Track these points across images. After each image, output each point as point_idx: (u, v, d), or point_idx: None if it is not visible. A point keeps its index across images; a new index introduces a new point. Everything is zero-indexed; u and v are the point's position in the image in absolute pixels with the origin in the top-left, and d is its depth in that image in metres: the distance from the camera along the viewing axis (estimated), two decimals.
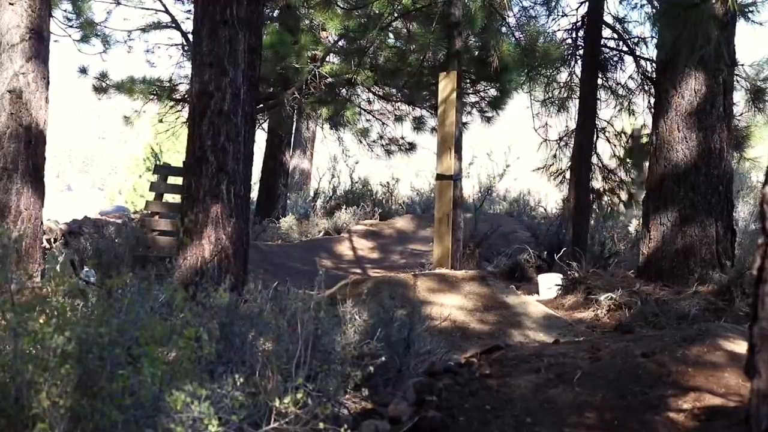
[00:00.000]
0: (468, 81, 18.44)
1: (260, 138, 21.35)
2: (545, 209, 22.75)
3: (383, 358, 5.56)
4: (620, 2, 14.77)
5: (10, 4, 9.66)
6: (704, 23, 9.00)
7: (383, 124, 21.70)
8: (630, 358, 5.92)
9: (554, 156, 16.54)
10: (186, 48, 19.37)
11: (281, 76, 17.57)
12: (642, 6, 14.36)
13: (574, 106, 15.52)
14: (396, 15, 16.75)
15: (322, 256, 16.02)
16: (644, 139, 15.20)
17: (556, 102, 15.95)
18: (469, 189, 22.04)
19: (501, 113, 19.79)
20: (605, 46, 14.73)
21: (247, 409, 4.22)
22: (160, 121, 20.12)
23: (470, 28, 15.63)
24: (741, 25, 11.48)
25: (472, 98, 19.89)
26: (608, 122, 15.89)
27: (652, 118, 12.38)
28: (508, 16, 15.65)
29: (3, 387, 3.73)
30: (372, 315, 6.47)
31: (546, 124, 16.16)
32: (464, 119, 18.40)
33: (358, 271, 14.83)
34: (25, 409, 3.71)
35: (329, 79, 17.70)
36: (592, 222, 15.75)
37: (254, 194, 21.37)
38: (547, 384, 5.62)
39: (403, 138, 21.93)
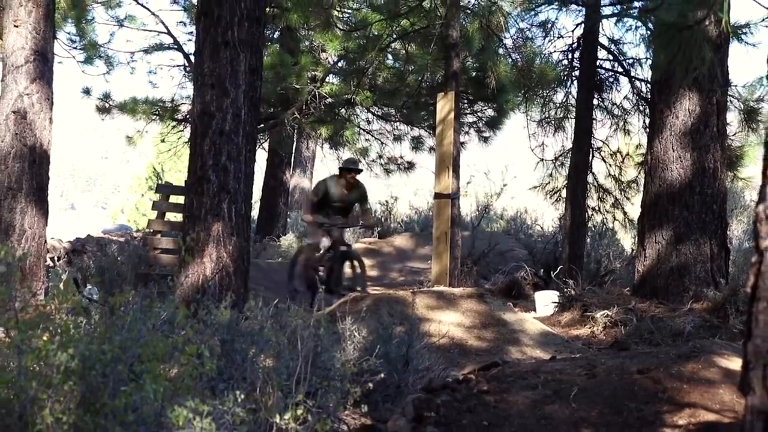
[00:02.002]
0: (465, 101, 18.50)
1: (261, 157, 21.41)
2: (542, 227, 22.78)
3: (382, 375, 5.56)
4: (615, 24, 14.78)
5: (14, 26, 9.70)
6: (698, 45, 9.03)
7: (382, 143, 21.73)
8: (626, 375, 5.92)
9: (550, 175, 16.56)
10: (188, 69, 19.40)
11: (282, 97, 17.63)
12: (637, 28, 14.38)
13: (570, 126, 15.55)
14: (394, 36, 16.80)
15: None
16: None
17: (553, 122, 15.99)
18: (467, 207, 22.04)
19: (498, 133, 19.88)
20: (601, 67, 14.78)
21: (248, 425, 4.22)
22: (162, 141, 20.18)
23: (468, 50, 15.67)
24: (734, 47, 11.55)
25: (470, 118, 19.96)
26: (604, 142, 15.93)
27: (647, 137, 12.41)
28: (505, 38, 15.71)
29: (7, 403, 3.73)
30: (371, 332, 6.47)
31: (542, 143, 16.19)
32: (462, 139, 18.43)
33: (357, 288, 14.83)
34: (29, 425, 3.71)
35: (329, 100, 17.76)
36: (588, 240, 15.78)
37: (255, 213, 21.41)
38: (544, 400, 5.62)
39: (401, 157, 21.97)
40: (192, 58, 14.98)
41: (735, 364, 5.83)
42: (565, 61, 15.17)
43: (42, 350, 3.83)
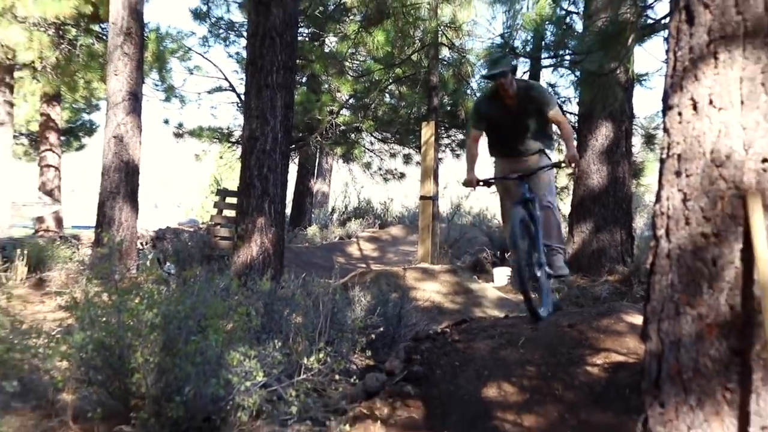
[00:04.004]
0: (443, 128, 18.51)
1: (292, 169, 21.39)
2: (499, 221, 22.72)
3: (381, 329, 5.58)
4: (552, 72, 14.83)
5: (115, 74, 9.77)
6: (612, 88, 9.04)
7: (381, 159, 21.81)
8: (559, 328, 5.92)
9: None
10: (239, 105, 19.41)
11: (308, 125, 17.61)
12: (568, 75, 14.38)
13: None
14: (391, 81, 16.81)
15: (337, 255, 15.99)
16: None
17: None
18: (444, 206, 21.99)
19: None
20: None
21: (283, 365, 4.25)
22: (221, 157, 20.31)
23: (444, 91, 15.69)
24: (638, 89, 11.59)
25: (446, 141, 20.02)
26: None
27: None
28: (472, 82, 15.68)
29: (110, 348, 3.75)
30: (373, 297, 6.49)
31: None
32: (440, 156, 18.45)
33: (364, 265, 14.80)
34: (126, 363, 3.74)
35: (342, 127, 17.75)
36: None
37: (288, 210, 21.40)
38: (499, 347, 5.61)
39: (396, 169, 22.04)
40: (242, 96, 14.96)
41: (638, 320, 5.84)
42: None
43: (134, 310, 3.85)
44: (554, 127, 6.63)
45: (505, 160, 6.47)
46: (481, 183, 6.31)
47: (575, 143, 5.51)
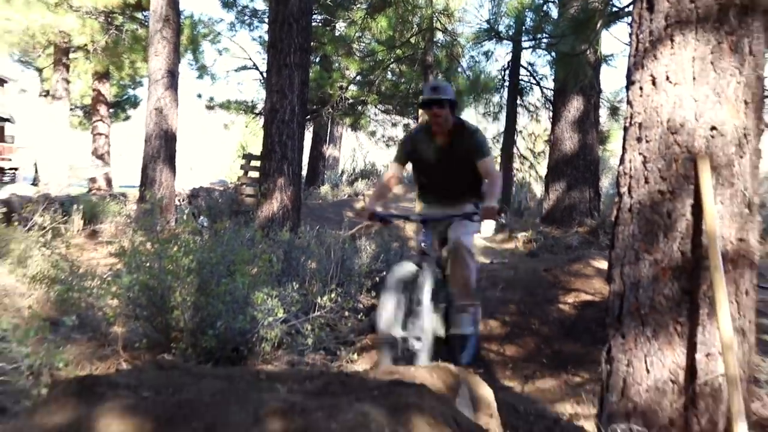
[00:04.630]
0: None
1: (308, 137, 21.32)
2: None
3: (384, 273, 5.60)
4: (531, 53, 14.76)
5: (155, 55, 9.71)
6: (582, 66, 8.94)
7: (384, 127, 21.74)
8: (536, 272, 5.94)
9: (491, 148, 16.48)
10: (262, 81, 19.28)
11: (321, 98, 17.50)
12: (545, 55, 14.25)
13: (502, 117, 15.40)
14: (392, 60, 16.66)
15: (346, 210, 15.97)
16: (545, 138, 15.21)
17: (492, 114, 15.85)
18: None
19: None
20: (522, 80, 14.62)
21: (300, 303, 4.28)
22: (246, 126, 20.14)
23: (438, 69, 15.56)
24: (605, 68, 11.49)
25: None
26: (524, 127, 15.87)
27: (551, 124, 12.33)
28: (462, 61, 15.55)
29: (153, 289, 3.76)
30: (377, 246, 6.50)
31: (485, 128, 16.08)
32: None
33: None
34: (166, 302, 3.76)
35: (350, 100, 17.66)
36: (514, 189, 15.77)
37: (304, 171, 21.36)
38: (485, 288, 5.63)
39: (396, 136, 21.94)
40: (264, 74, 14.86)
41: (603, 265, 5.86)
42: (500, 77, 15.00)
43: (173, 257, 3.86)
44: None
45: (427, 206, 5.02)
46: (377, 218, 4.41)
47: (497, 198, 3.58)
